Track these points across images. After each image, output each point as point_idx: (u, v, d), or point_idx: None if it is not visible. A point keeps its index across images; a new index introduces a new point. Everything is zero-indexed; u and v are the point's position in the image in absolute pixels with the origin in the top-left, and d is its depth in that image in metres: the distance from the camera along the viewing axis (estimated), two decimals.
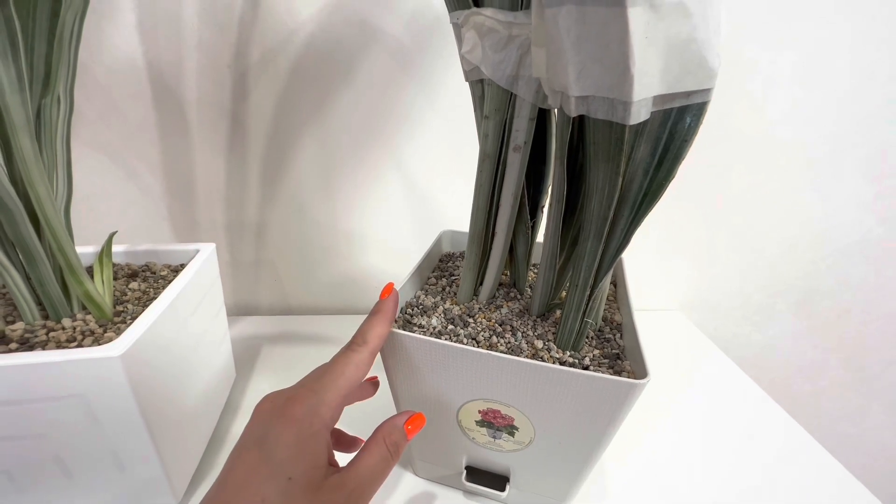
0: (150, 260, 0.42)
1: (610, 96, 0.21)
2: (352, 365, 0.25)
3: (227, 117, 0.52)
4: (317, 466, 0.22)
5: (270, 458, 0.21)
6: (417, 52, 0.50)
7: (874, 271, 0.65)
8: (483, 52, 0.27)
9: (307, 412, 0.23)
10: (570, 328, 0.29)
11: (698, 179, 0.58)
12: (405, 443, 0.26)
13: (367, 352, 0.26)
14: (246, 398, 0.47)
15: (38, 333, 0.30)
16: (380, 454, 0.24)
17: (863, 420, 0.75)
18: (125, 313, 0.34)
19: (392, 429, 0.26)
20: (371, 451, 0.24)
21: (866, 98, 0.54)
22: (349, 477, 0.23)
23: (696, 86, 0.21)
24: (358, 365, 0.26)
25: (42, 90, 0.29)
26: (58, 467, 0.30)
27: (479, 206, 0.32)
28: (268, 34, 0.48)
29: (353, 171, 0.56)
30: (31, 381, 0.26)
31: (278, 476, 0.21)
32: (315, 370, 0.26)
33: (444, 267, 0.41)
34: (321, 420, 0.23)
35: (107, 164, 0.53)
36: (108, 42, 0.47)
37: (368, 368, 0.26)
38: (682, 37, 0.20)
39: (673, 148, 0.23)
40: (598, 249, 0.26)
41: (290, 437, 0.22)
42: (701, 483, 0.39)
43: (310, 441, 0.22)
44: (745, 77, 0.53)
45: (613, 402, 0.26)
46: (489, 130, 0.29)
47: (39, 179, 0.29)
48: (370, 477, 0.23)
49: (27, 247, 0.30)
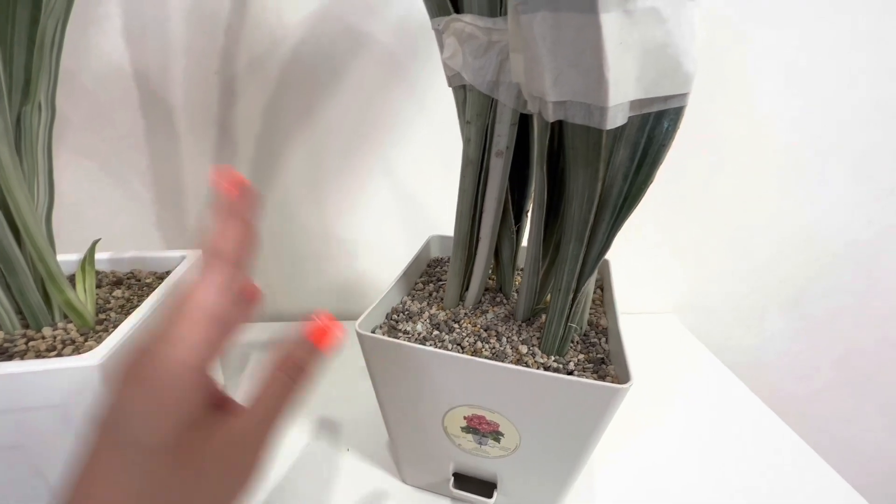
0: (135, 267, 0.42)
1: (586, 101, 0.21)
2: (200, 286, 0.18)
3: (214, 124, 0.52)
4: (183, 421, 0.17)
5: (120, 436, 0.16)
6: (405, 57, 0.50)
7: (865, 273, 0.65)
8: (463, 58, 0.27)
9: (159, 360, 0.17)
10: (555, 333, 0.29)
11: (689, 182, 0.58)
12: (312, 360, 0.20)
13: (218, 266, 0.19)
14: None
15: (18, 343, 0.30)
16: (277, 381, 0.19)
17: (855, 422, 0.75)
18: (108, 321, 0.33)
19: (294, 348, 0.20)
20: (266, 382, 0.19)
21: (855, 100, 0.54)
22: (234, 421, 0.18)
23: (673, 90, 0.21)
24: (209, 284, 0.18)
25: (22, 98, 0.29)
26: (38, 479, 0.29)
27: (462, 212, 0.32)
28: (255, 40, 0.48)
29: (342, 176, 0.56)
30: (9, 390, 0.26)
31: (131, 453, 0.16)
32: None
33: (432, 272, 0.41)
34: (177, 360, 0.17)
35: (94, 170, 0.53)
36: (94, 48, 0.47)
37: (227, 283, 0.19)
38: (657, 42, 0.20)
39: (651, 152, 0.23)
40: (580, 253, 0.26)
41: (140, 398, 0.16)
42: (691, 487, 0.39)
43: (167, 391, 0.16)
44: (734, 79, 0.53)
45: (597, 407, 0.26)
46: (471, 136, 0.29)
47: (18, 188, 0.28)
48: (263, 414, 0.19)
49: (7, 255, 0.30)
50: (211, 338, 0.18)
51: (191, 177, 0.55)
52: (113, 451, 0.16)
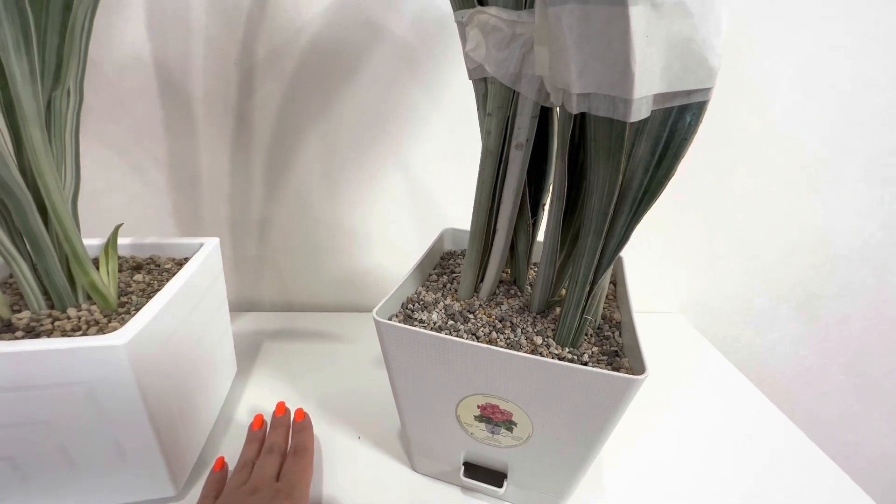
0: (154, 253, 0.42)
1: (611, 94, 0.21)
2: None
3: (232, 114, 0.53)
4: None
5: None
6: (422, 51, 0.51)
7: (875, 277, 0.65)
8: (487, 50, 0.28)
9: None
10: (570, 325, 0.30)
11: (700, 183, 0.58)
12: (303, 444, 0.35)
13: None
14: (246, 393, 0.48)
15: (44, 322, 0.31)
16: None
17: (863, 426, 0.75)
18: (129, 304, 0.34)
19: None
20: None
21: (868, 103, 0.54)
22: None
23: (697, 84, 0.22)
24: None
25: (53, 82, 0.30)
26: (61, 455, 0.30)
27: (480, 203, 0.32)
28: (275, 32, 0.49)
29: (357, 168, 0.57)
30: (36, 368, 0.27)
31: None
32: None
33: (446, 264, 0.42)
34: (304, 501, 0.32)
35: (113, 158, 0.54)
36: (116, 37, 0.48)
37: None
38: (683, 35, 0.20)
39: (673, 146, 0.23)
40: (598, 246, 0.27)
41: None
42: (698, 484, 0.39)
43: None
44: (747, 80, 0.53)
45: (611, 398, 0.26)
46: (492, 128, 0.30)
47: (48, 170, 0.29)
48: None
49: (34, 237, 0.31)
50: None
51: (207, 166, 0.55)
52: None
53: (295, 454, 0.35)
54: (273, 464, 0.34)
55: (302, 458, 0.34)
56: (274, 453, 0.35)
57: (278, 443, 0.36)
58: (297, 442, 0.36)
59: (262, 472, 0.32)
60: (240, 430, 0.42)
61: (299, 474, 0.33)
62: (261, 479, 0.32)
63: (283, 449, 0.36)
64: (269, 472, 0.33)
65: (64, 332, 0.30)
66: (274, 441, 0.36)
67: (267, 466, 0.33)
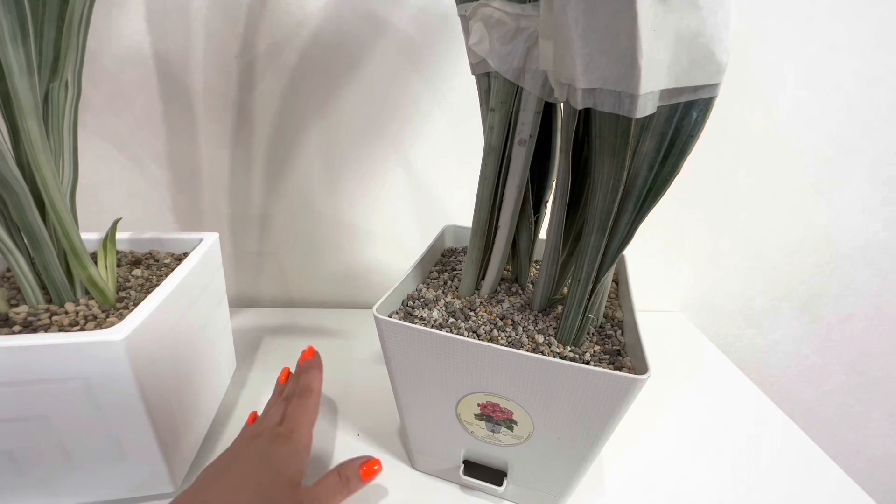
0: (153, 248, 0.42)
1: (617, 89, 0.21)
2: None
3: (233, 108, 0.52)
4: (297, 473, 0.30)
5: (268, 460, 0.29)
6: (425, 46, 0.50)
7: (879, 276, 0.64)
8: (490, 45, 0.27)
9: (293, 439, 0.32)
10: (572, 323, 0.29)
11: (702, 181, 0.58)
12: (357, 479, 0.32)
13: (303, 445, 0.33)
14: (246, 389, 0.47)
15: (42, 317, 0.31)
16: (333, 480, 0.31)
17: (864, 426, 0.75)
18: (128, 299, 0.34)
19: (349, 464, 0.33)
20: (329, 476, 0.32)
21: (874, 102, 0.54)
22: (311, 489, 0.30)
23: (704, 80, 0.21)
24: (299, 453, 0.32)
25: (50, 75, 0.29)
26: (59, 450, 0.30)
27: (482, 199, 0.32)
28: (276, 25, 0.48)
29: (358, 164, 0.56)
30: (34, 362, 0.26)
31: (272, 468, 0.29)
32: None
33: (447, 261, 0.41)
34: (303, 443, 0.32)
35: (112, 152, 0.53)
36: (115, 30, 0.47)
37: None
38: (691, 29, 0.20)
39: (678, 143, 0.23)
40: (601, 244, 0.26)
41: (284, 450, 0.30)
42: (699, 484, 0.39)
43: (295, 456, 0.30)
44: (751, 79, 0.52)
45: (614, 398, 0.26)
46: (495, 123, 0.29)
47: (46, 163, 0.29)
48: (324, 495, 0.31)
49: (32, 230, 0.30)
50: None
51: (207, 161, 0.55)
52: (261, 465, 0.30)
53: (299, 395, 0.35)
54: (280, 408, 0.34)
55: (305, 398, 0.34)
56: (283, 397, 0.36)
57: (291, 388, 0.37)
58: (302, 382, 0.36)
59: (266, 419, 0.34)
60: (239, 427, 0.42)
61: (300, 416, 0.33)
62: (264, 425, 0.33)
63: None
64: (275, 418, 0.33)
65: (61, 327, 0.30)
66: (287, 388, 0.37)
67: (273, 413, 0.34)
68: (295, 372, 0.40)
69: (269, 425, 0.33)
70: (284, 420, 0.33)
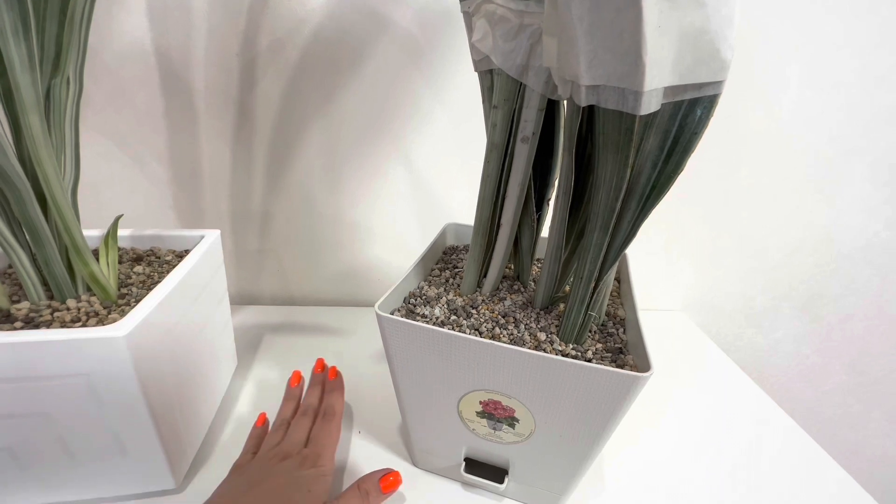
0: (154, 245, 0.42)
1: (621, 86, 0.21)
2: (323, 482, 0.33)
3: (234, 106, 0.52)
4: (324, 494, 0.31)
5: (297, 481, 0.31)
6: (427, 44, 0.50)
7: (879, 276, 0.64)
8: (493, 41, 0.27)
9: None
10: (574, 321, 0.29)
11: (703, 180, 0.58)
12: (376, 492, 0.33)
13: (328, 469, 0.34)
14: (247, 386, 0.47)
15: (43, 313, 0.31)
16: (353, 494, 0.32)
17: (864, 426, 0.75)
18: (129, 296, 0.34)
19: (368, 478, 0.33)
20: (349, 491, 0.32)
21: (875, 102, 0.54)
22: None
23: (709, 77, 0.21)
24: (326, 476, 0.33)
25: (52, 70, 0.29)
26: (60, 447, 0.30)
27: (485, 197, 0.32)
28: (277, 22, 0.48)
29: (359, 162, 0.56)
30: (35, 359, 0.26)
31: (302, 488, 0.31)
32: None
33: (448, 259, 0.41)
34: (329, 466, 0.34)
35: (113, 150, 0.53)
36: (117, 26, 0.47)
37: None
38: (696, 26, 0.20)
39: (682, 140, 0.23)
40: (604, 242, 0.26)
41: (312, 473, 0.32)
42: (699, 483, 0.39)
43: (322, 479, 0.32)
44: (752, 78, 0.52)
45: (616, 396, 0.26)
46: (497, 121, 0.29)
47: (48, 159, 0.29)
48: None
49: (34, 226, 0.30)
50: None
51: (208, 158, 0.55)
52: (293, 482, 0.31)
53: (324, 417, 0.37)
54: (305, 427, 0.36)
55: (329, 422, 0.36)
56: (307, 416, 0.37)
57: (312, 405, 0.38)
58: (327, 404, 0.38)
59: (293, 437, 0.35)
60: (240, 424, 0.42)
61: (325, 439, 0.35)
62: (291, 444, 0.34)
63: (317, 410, 0.38)
64: (300, 436, 0.35)
65: (63, 324, 0.30)
66: (309, 403, 0.39)
67: (299, 430, 0.36)
68: (312, 386, 0.41)
69: (296, 446, 0.34)
70: (310, 443, 0.35)
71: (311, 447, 0.34)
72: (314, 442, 0.35)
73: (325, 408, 0.38)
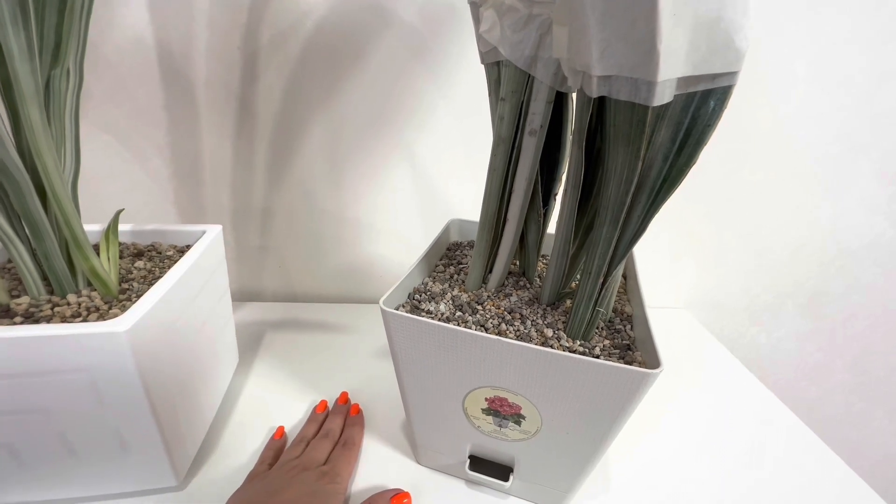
0: (155, 240, 0.42)
1: (634, 76, 0.21)
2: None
3: (235, 100, 0.52)
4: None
5: (315, 493, 0.31)
6: (431, 37, 0.49)
7: (883, 275, 0.64)
8: (502, 32, 0.27)
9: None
10: (581, 317, 0.29)
11: (708, 177, 0.58)
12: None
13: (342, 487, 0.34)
14: (248, 383, 0.47)
15: (43, 308, 0.30)
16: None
17: (866, 425, 0.75)
18: (130, 291, 0.33)
19: (379, 496, 0.33)
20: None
21: (881, 98, 0.53)
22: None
23: (723, 68, 0.21)
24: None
25: (52, 61, 0.29)
26: (61, 444, 0.29)
27: (491, 191, 0.31)
28: (279, 15, 0.48)
29: (362, 158, 0.56)
30: (36, 354, 0.26)
31: (321, 501, 0.31)
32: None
33: (452, 255, 0.41)
34: (344, 486, 0.34)
35: (113, 144, 0.53)
36: (118, 19, 0.47)
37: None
38: (711, 15, 0.19)
39: (695, 133, 0.22)
40: (613, 236, 0.26)
41: (329, 488, 0.32)
42: (704, 480, 0.39)
43: (338, 495, 0.32)
44: (758, 75, 0.52)
45: (624, 393, 0.26)
46: (505, 113, 0.29)
47: (47, 151, 0.28)
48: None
49: (33, 220, 0.30)
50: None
51: (209, 153, 0.54)
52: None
53: (344, 445, 0.38)
54: (325, 448, 0.37)
55: (349, 450, 0.37)
56: (328, 439, 0.38)
57: (333, 430, 0.39)
58: (348, 435, 0.39)
59: (313, 453, 0.36)
60: (241, 422, 0.42)
61: (344, 463, 0.36)
62: (311, 460, 0.35)
63: (337, 436, 0.39)
64: (320, 454, 0.36)
65: (64, 318, 0.29)
66: (330, 427, 0.39)
67: (319, 449, 0.36)
68: (334, 413, 0.42)
69: (315, 462, 0.35)
70: (329, 462, 0.35)
71: (330, 466, 0.35)
72: (332, 462, 0.35)
73: (345, 437, 0.39)
